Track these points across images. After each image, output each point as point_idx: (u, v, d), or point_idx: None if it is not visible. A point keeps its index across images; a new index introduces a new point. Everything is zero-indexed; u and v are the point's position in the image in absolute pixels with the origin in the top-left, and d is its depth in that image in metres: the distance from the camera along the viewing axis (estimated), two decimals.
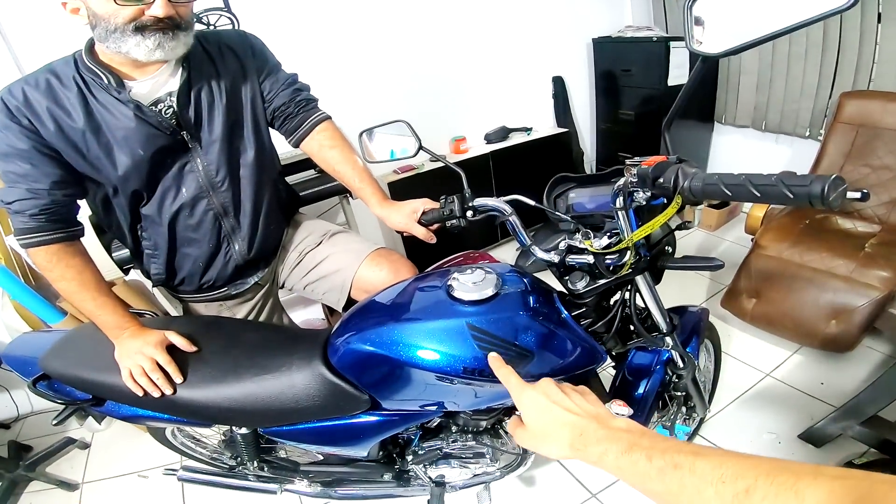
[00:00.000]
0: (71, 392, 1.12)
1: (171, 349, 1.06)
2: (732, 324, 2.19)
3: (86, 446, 2.12)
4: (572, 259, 0.91)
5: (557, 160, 3.18)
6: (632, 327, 1.01)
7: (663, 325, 1.01)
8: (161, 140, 1.08)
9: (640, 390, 1.09)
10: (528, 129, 3.11)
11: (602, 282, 0.89)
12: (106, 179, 1.08)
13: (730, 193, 0.62)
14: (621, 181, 0.76)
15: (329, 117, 1.28)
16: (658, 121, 2.96)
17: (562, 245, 0.93)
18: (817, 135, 2.75)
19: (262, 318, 1.38)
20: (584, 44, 3.28)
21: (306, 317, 2.11)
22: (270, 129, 1.27)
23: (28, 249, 1.03)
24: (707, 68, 0.74)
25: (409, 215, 1.13)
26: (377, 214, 1.21)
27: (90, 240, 1.28)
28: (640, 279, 0.92)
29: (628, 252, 0.84)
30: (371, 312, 0.98)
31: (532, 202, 0.96)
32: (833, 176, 0.53)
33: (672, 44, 2.84)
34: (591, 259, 0.88)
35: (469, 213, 1.02)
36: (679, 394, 1.22)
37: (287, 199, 1.41)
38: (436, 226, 1.12)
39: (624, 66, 3.09)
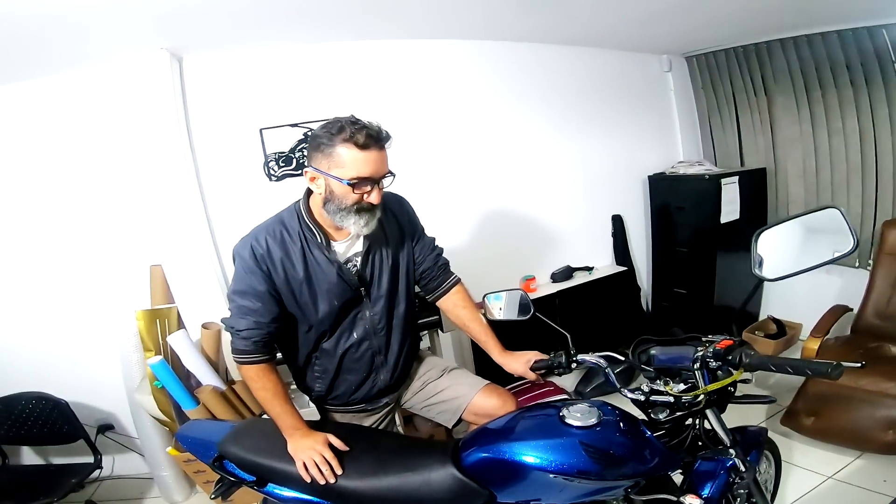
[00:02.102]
0: (238, 473, 1.40)
1: (330, 447, 1.33)
2: (794, 438, 2.33)
3: None
4: (655, 398, 1.21)
5: (617, 298, 3.33)
6: (700, 443, 1.28)
7: (727, 440, 1.26)
8: (348, 294, 1.40)
9: (706, 492, 1.29)
10: (589, 269, 3.31)
11: (680, 414, 1.18)
12: (305, 320, 1.41)
13: (773, 369, 0.98)
14: (700, 353, 1.09)
15: (460, 280, 1.64)
16: (711, 257, 3.16)
17: (644, 388, 1.22)
18: (866, 264, 2.86)
19: (382, 427, 1.66)
20: (640, 180, 3.54)
21: None
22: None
23: (241, 366, 1.37)
24: (755, 206, 1.07)
25: (524, 364, 1.47)
26: (498, 361, 1.54)
27: None
28: (710, 413, 1.21)
29: (702, 396, 1.13)
30: (496, 430, 1.27)
31: (622, 358, 1.29)
32: (835, 363, 0.87)
33: (723, 181, 3.06)
34: (671, 399, 1.17)
35: (573, 365, 1.35)
36: (742, 491, 1.39)
37: (417, 341, 1.73)
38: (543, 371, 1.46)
39: (678, 203, 3.29)
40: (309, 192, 1.39)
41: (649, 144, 3.56)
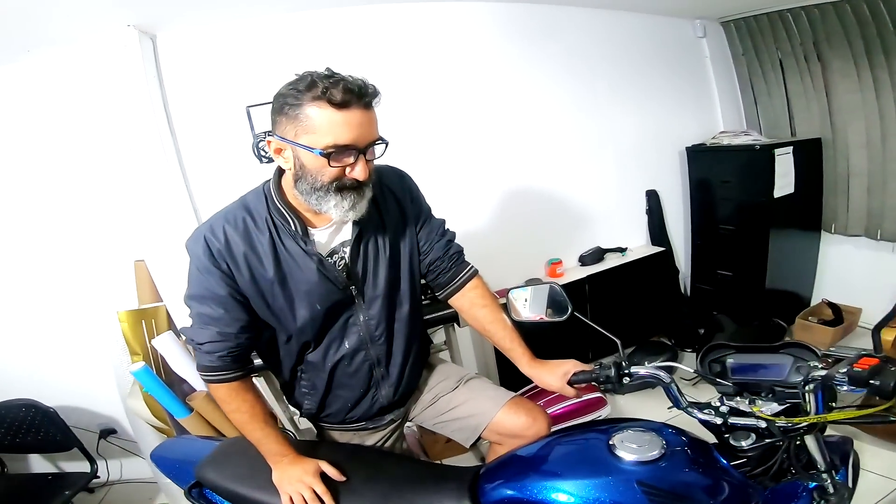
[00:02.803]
0: (219, 502, 1.19)
1: (323, 476, 1.11)
2: (864, 440, 2.10)
3: None
4: (736, 420, 0.94)
5: (653, 281, 3.06)
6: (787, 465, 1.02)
7: (823, 465, 1.01)
8: (335, 295, 1.14)
9: None
10: (622, 250, 3.03)
11: (769, 440, 0.92)
12: (283, 328, 1.15)
13: None
14: (821, 373, 0.81)
15: (477, 272, 1.34)
16: (763, 235, 2.86)
17: (718, 404, 0.96)
18: None
19: (387, 446, 1.41)
20: (676, 153, 3.27)
21: None
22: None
23: (210, 384, 1.13)
24: (811, 178, 0.78)
25: (561, 377, 1.17)
26: (527, 373, 1.25)
27: None
28: (809, 436, 0.95)
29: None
30: (527, 460, 1.03)
31: (689, 369, 1.02)
32: None
33: (776, 151, 2.78)
34: (758, 423, 0.91)
35: (625, 380, 1.06)
36: None
37: (426, 346, 1.46)
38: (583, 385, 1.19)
39: (722, 177, 3.01)
40: (282, 170, 1.11)
41: (685, 114, 3.28)
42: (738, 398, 0.95)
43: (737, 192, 2.95)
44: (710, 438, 1.02)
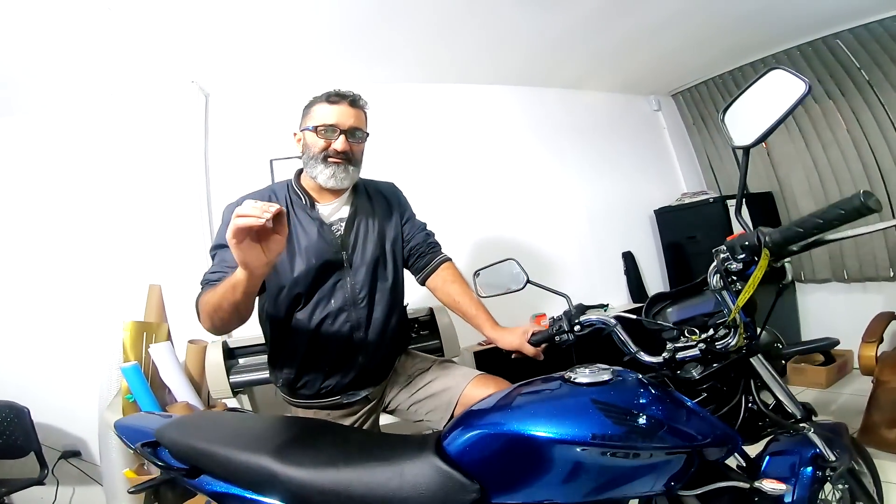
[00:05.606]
0: (169, 461, 1.09)
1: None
2: (879, 457, 1.91)
3: None
4: (682, 356, 0.98)
5: (635, 335, 3.08)
6: (761, 423, 1.00)
7: (796, 411, 0.97)
8: (328, 254, 1.35)
9: (788, 499, 0.96)
10: (604, 306, 3.16)
11: (717, 366, 0.95)
12: (279, 280, 1.33)
13: (801, 230, 0.80)
14: (716, 261, 0.90)
15: (450, 259, 1.57)
16: None
17: (665, 352, 1.00)
18: None
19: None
20: (647, 216, 3.49)
21: None
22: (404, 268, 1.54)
23: (200, 298, 1.18)
24: (771, 224, 0.92)
25: (520, 336, 1.30)
26: (490, 336, 1.41)
27: None
28: (757, 364, 0.96)
29: (737, 328, 0.92)
30: (487, 408, 1.02)
31: (634, 316, 1.10)
32: (860, 190, 0.72)
33: (729, 202, 2.99)
34: (701, 347, 0.95)
35: (577, 328, 1.16)
36: (842, 486, 1.05)
37: (405, 330, 1.59)
38: (544, 345, 1.28)
39: (688, 233, 3.21)
40: (300, 169, 1.46)
41: (651, 181, 3.58)
42: (681, 338, 0.99)
43: (703, 245, 3.12)
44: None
